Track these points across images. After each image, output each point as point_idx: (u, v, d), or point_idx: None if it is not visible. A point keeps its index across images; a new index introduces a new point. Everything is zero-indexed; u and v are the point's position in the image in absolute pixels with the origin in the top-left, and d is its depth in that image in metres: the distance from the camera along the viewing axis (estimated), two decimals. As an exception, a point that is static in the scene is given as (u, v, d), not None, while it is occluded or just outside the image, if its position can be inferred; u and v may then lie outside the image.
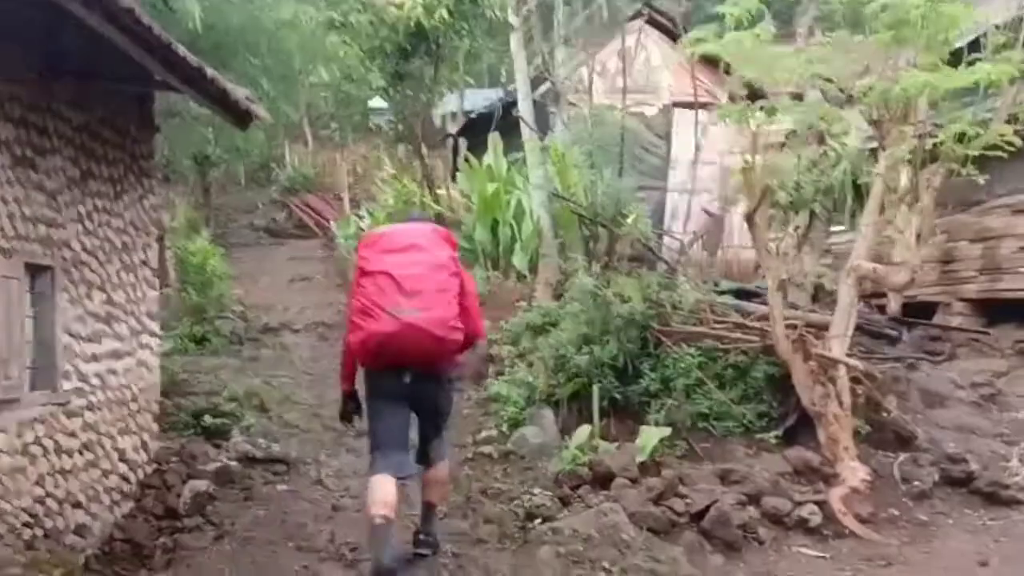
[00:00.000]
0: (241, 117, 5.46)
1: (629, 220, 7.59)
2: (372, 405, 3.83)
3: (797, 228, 5.94)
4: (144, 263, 5.60)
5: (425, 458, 3.96)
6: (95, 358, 4.84)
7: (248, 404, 6.85)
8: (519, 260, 9.09)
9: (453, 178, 11.86)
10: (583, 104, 9.62)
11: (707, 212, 9.63)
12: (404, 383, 3.68)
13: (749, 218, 5.33)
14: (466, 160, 10.03)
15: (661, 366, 5.90)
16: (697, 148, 10.57)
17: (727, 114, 5.53)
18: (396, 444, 3.73)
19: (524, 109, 8.29)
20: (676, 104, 12.04)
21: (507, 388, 6.36)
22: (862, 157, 6.63)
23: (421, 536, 4.03)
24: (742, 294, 6.96)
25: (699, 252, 9.75)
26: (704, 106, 11.56)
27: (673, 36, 10.66)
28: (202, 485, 5.10)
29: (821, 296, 6.61)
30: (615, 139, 8.23)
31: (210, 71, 4.64)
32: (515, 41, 8.11)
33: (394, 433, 3.75)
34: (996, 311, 8.10)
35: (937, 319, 8.33)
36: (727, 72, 5.35)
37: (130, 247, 5.40)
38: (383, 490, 3.58)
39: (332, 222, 18.85)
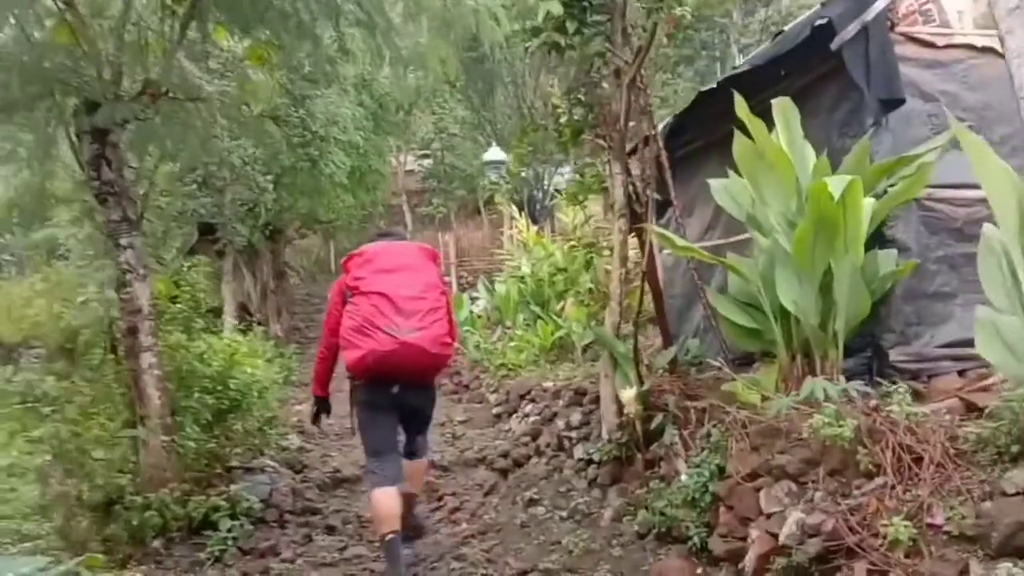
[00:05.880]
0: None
1: None
2: (366, 414, 4.09)
3: None
4: None
5: (410, 454, 4.27)
6: None
7: None
8: (997, 353, 3.03)
9: (660, 210, 6.02)
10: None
11: None
12: (393, 394, 4.00)
13: None
14: (743, 131, 4.40)
15: None
16: None
17: None
18: (390, 448, 4.08)
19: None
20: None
21: None
22: None
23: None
24: None
25: None
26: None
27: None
28: None
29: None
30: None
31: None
32: None
33: (388, 438, 4.09)
34: None
35: None
36: None
37: None
38: (388, 504, 3.89)
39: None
